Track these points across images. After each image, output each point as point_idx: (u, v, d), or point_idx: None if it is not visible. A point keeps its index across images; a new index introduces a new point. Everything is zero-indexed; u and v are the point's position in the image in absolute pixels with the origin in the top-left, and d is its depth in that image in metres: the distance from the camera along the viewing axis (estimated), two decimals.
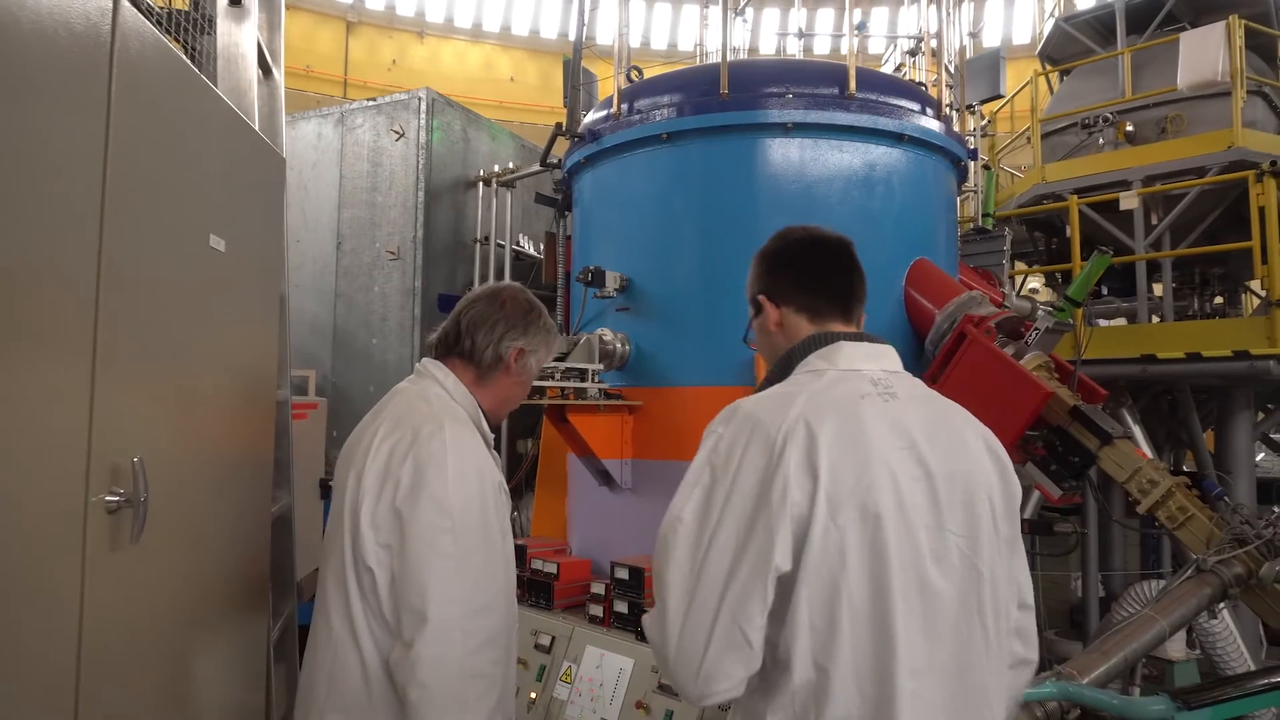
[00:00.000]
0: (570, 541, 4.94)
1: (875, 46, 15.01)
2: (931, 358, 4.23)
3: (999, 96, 6.44)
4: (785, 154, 4.51)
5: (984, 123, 8.63)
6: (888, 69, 7.91)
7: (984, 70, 6.21)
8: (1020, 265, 8.09)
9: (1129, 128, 7.69)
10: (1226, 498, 3.61)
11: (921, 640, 1.38)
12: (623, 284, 4.63)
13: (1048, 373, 3.99)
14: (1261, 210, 5.24)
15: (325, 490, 5.18)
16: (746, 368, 4.29)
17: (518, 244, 6.52)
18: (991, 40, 21.28)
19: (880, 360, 1.66)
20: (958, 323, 4.11)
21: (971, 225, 5.92)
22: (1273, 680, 2.98)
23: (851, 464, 1.42)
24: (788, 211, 4.47)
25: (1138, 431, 5.80)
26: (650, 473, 4.52)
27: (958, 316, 4.15)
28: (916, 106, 4.83)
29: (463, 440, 1.94)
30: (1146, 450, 5.66)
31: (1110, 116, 7.60)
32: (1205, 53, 6.77)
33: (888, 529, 1.41)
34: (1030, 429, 3.98)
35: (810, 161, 4.51)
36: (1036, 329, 3.97)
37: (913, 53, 6.97)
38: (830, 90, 4.59)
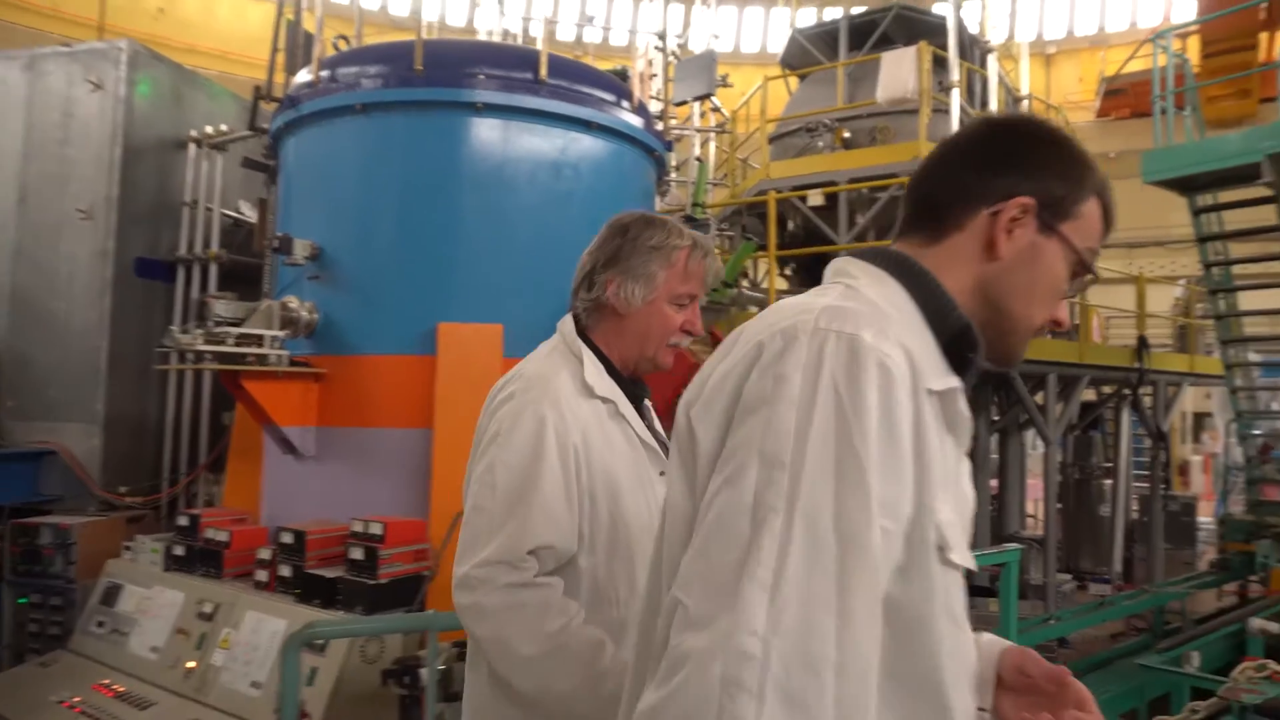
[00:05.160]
0: (261, 512, 4.88)
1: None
2: None
3: (709, 95, 6.94)
4: (479, 133, 4.67)
5: (725, 120, 9.23)
6: (641, 64, 8.29)
7: (699, 70, 6.66)
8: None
9: (846, 134, 8.49)
10: None
11: None
12: (314, 252, 4.62)
13: (704, 346, 4.39)
14: None
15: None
16: (432, 337, 4.42)
17: (238, 210, 6.29)
18: (725, 47, 22.97)
19: None
20: None
21: (682, 213, 6.34)
22: None
23: None
24: (481, 189, 4.65)
25: None
26: (335, 440, 4.55)
27: None
28: (611, 97, 5.13)
29: (541, 390, 1.69)
30: None
31: (829, 123, 8.36)
32: (900, 72, 7.60)
33: None
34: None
35: (501, 142, 4.68)
36: None
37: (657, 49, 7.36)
38: (524, 75, 4.79)
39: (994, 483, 8.86)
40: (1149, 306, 9.63)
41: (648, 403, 1.90)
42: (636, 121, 5.23)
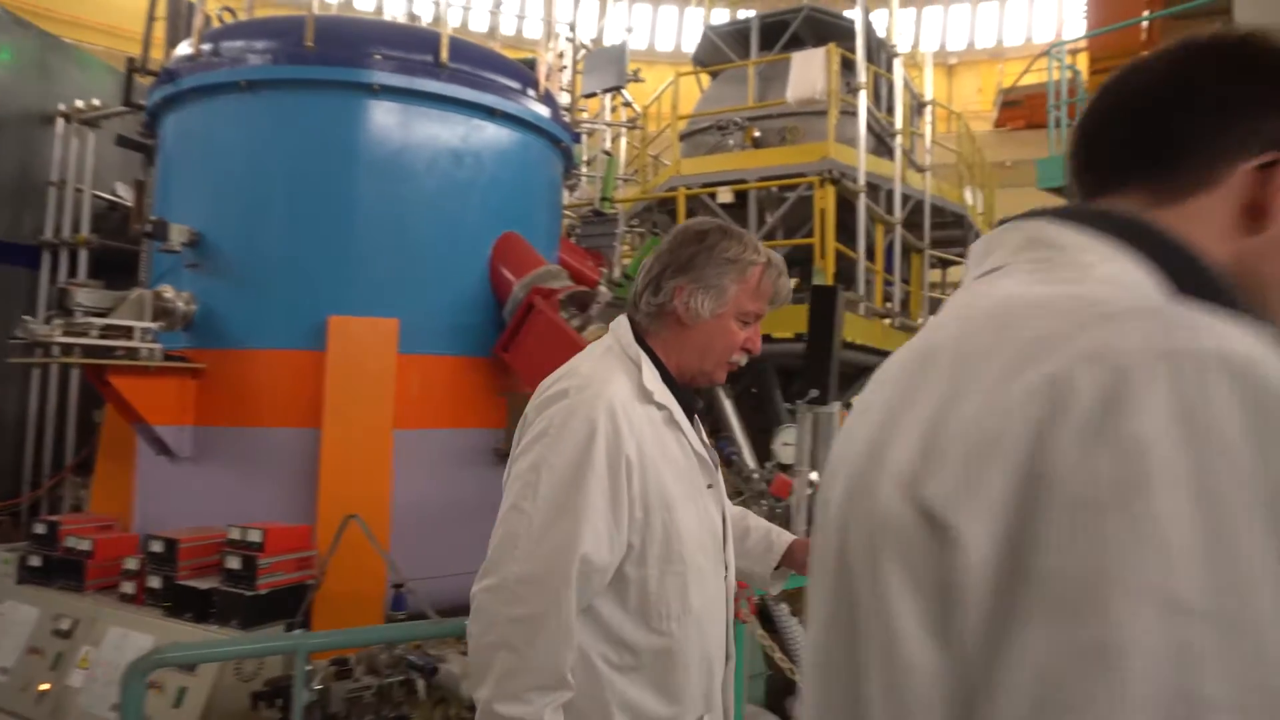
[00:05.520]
0: (133, 519, 4.52)
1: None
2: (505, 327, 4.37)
3: (620, 88, 6.83)
4: (375, 117, 4.42)
5: (637, 116, 9.14)
6: (551, 55, 8.11)
7: (609, 62, 6.54)
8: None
9: (756, 134, 8.50)
10: (735, 457, 4.09)
11: None
12: (192, 238, 4.29)
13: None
14: (823, 212, 6.00)
15: None
16: (321, 332, 4.17)
17: (114, 192, 5.85)
18: (640, 45, 23.19)
19: None
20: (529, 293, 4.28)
21: (590, 208, 6.21)
22: None
23: None
24: (377, 175, 4.41)
25: (729, 406, 6.41)
26: (215, 440, 4.25)
27: (531, 288, 4.32)
28: (517, 85, 4.95)
29: (597, 392, 1.59)
30: (734, 423, 6.31)
31: (740, 121, 8.35)
32: (809, 72, 7.65)
33: None
34: None
35: (399, 127, 4.46)
36: (598, 303, 4.23)
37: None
38: (424, 57, 4.57)
39: None
40: None
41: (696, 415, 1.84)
42: (544, 111, 5.07)
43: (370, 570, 3.68)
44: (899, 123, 7.94)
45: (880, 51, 8.74)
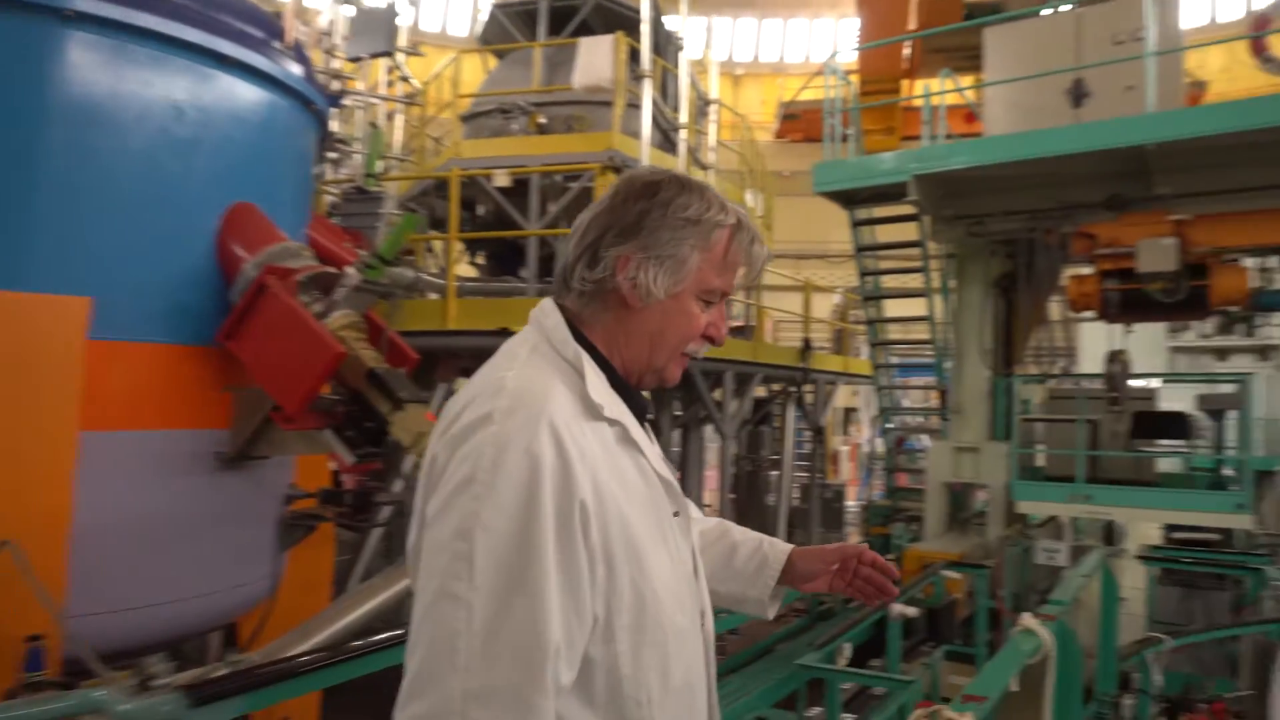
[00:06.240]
0: None
1: None
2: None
3: (389, 54, 6.30)
4: (69, 50, 3.64)
5: (415, 93, 8.56)
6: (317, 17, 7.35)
7: (377, 26, 5.99)
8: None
9: (542, 120, 8.19)
10: None
11: None
12: None
13: (357, 332, 3.78)
14: None
15: None
16: None
17: None
18: (433, 27, 22.60)
19: None
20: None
21: (353, 185, 5.63)
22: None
23: None
24: (71, 122, 3.63)
25: None
26: None
27: (264, 266, 3.74)
28: (260, 34, 4.31)
29: (533, 413, 1.15)
30: None
31: (525, 106, 8.00)
32: (596, 59, 7.45)
33: None
34: (338, 393, 3.75)
35: (102, 66, 3.70)
36: (343, 285, 3.73)
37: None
38: None
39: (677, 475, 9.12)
40: (813, 312, 10.47)
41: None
42: (293, 69, 4.46)
43: (16, 614, 2.96)
44: (684, 119, 7.94)
45: (669, 46, 8.72)
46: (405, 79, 8.38)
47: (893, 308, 9.08)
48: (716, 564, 1.60)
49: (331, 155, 7.01)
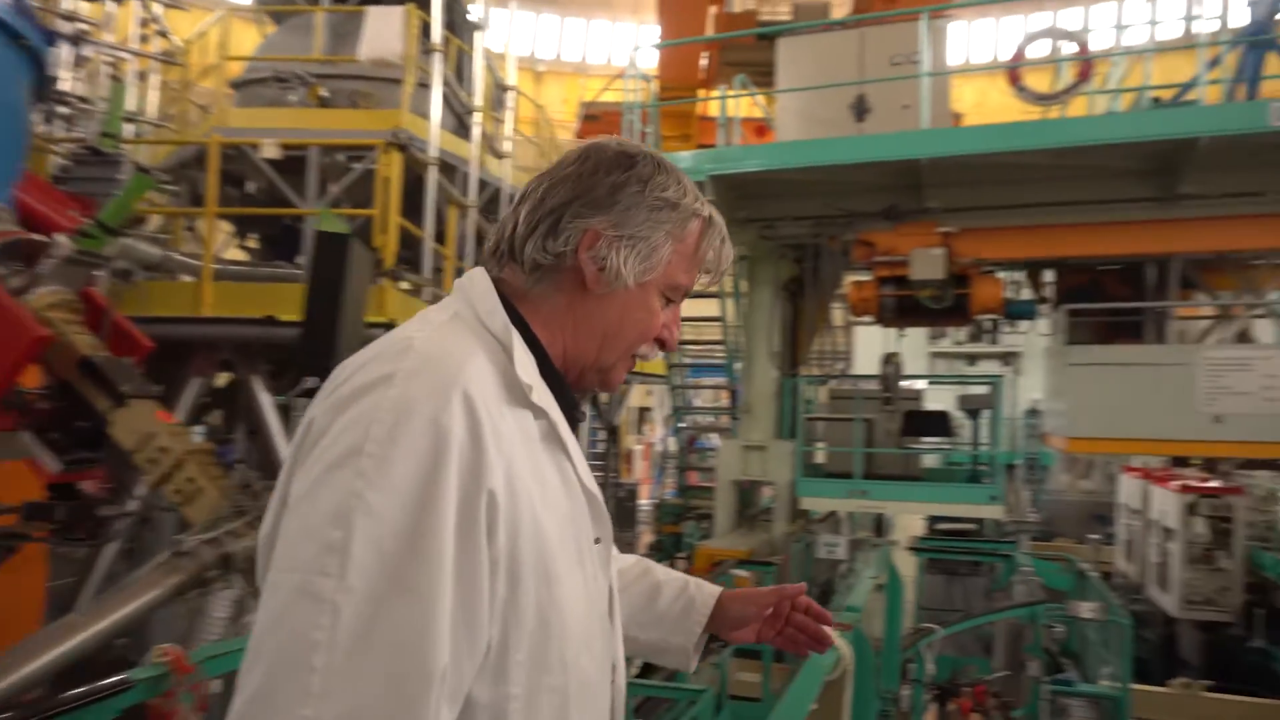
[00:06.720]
0: None
1: None
2: None
3: None
4: None
5: (175, 51, 7.61)
6: None
7: None
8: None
9: (323, 93, 7.53)
10: (242, 464, 3.27)
11: None
12: None
13: (69, 313, 3.15)
14: (386, 181, 5.36)
15: None
16: None
17: None
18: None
19: None
20: None
21: (85, 145, 4.82)
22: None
23: None
24: None
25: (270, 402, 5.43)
26: None
27: None
28: None
29: (445, 379, 0.90)
30: (270, 415, 5.36)
31: (305, 76, 7.32)
32: (386, 31, 6.93)
33: None
34: (41, 386, 3.11)
35: None
36: (51, 256, 3.10)
37: None
38: None
39: None
40: None
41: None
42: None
43: None
44: (479, 104, 7.58)
45: (465, 27, 8.31)
46: (163, 34, 7.41)
47: (686, 308, 9.18)
48: (636, 607, 1.38)
49: (63, 110, 6.03)
